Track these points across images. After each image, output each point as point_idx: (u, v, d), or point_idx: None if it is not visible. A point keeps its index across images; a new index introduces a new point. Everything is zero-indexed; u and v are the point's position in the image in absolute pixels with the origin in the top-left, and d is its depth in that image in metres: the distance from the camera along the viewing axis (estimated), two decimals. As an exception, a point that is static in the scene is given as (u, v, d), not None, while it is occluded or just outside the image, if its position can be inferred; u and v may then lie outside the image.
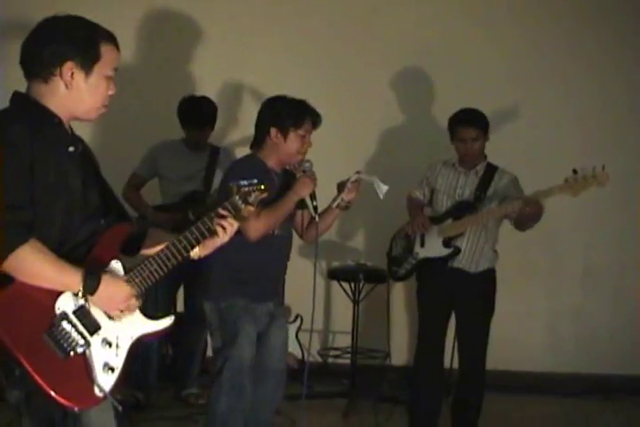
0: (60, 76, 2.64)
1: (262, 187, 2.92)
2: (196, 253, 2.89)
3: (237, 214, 2.89)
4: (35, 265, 2.52)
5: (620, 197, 6.45)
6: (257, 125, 4.26)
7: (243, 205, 2.88)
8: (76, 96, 2.67)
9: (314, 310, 4.12)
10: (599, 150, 6.23)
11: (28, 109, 2.65)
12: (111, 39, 2.72)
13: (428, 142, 6.20)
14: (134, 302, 2.72)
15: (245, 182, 2.91)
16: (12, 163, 2.50)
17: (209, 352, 6.09)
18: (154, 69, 6.62)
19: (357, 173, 4.30)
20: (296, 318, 6.23)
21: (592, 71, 6.50)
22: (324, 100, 6.20)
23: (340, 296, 6.18)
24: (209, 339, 5.91)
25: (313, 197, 4.17)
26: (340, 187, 4.29)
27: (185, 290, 5.85)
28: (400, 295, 6.44)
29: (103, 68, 2.69)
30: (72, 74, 2.65)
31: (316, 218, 4.19)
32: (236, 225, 2.89)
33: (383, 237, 5.56)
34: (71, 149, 2.70)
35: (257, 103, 5.72)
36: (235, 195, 2.88)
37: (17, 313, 2.50)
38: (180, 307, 6.08)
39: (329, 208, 4.29)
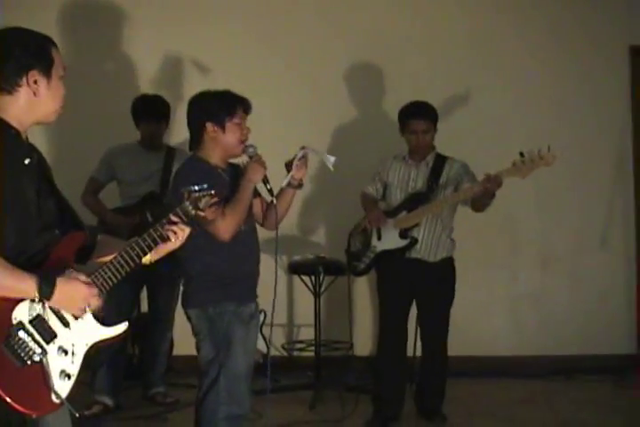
0: (27, 85, 2.72)
1: (212, 192, 2.96)
2: (147, 258, 2.92)
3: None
4: None
5: (577, 184, 6.58)
6: (190, 125, 4.20)
7: (193, 211, 2.92)
8: (42, 101, 2.75)
9: (275, 300, 4.08)
10: (555, 136, 6.27)
11: None
12: (53, 42, 2.82)
13: (378, 136, 6.25)
14: (95, 300, 2.74)
15: (196, 188, 2.94)
16: None
17: (175, 351, 6.16)
18: (96, 69, 6.68)
19: (302, 148, 4.23)
20: (259, 312, 6.27)
21: (541, 56, 6.60)
22: (273, 94, 6.34)
23: (302, 290, 6.24)
24: (177, 338, 6.00)
25: (266, 180, 4.11)
26: (288, 166, 4.22)
27: (148, 292, 5.88)
28: (361, 286, 6.50)
29: (57, 69, 2.79)
30: (36, 81, 2.73)
31: (274, 201, 4.14)
32: (187, 230, 2.93)
33: (344, 231, 5.63)
34: (27, 160, 2.75)
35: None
36: (185, 201, 2.92)
37: None
38: (144, 308, 6.13)
39: (281, 189, 4.24)
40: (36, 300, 2.62)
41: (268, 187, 4.12)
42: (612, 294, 6.59)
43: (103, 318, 2.83)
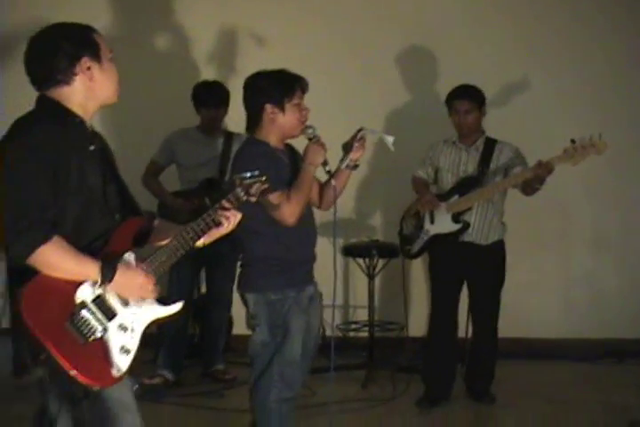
0: (82, 72, 2.92)
1: (263, 178, 3.10)
2: (200, 242, 3.08)
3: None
4: (58, 259, 2.76)
5: (627, 166, 6.60)
6: (248, 107, 4.12)
7: (245, 197, 3.07)
8: (100, 84, 2.95)
9: (335, 282, 4.10)
10: (608, 120, 6.36)
11: (53, 111, 2.91)
12: (93, 29, 3.02)
13: (432, 119, 6.26)
14: (151, 289, 2.93)
15: (247, 175, 3.07)
16: (39, 164, 2.76)
17: (235, 330, 6.33)
18: (150, 43, 6.87)
19: (360, 129, 4.18)
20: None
21: (599, 41, 6.59)
22: (327, 74, 6.39)
23: (357, 272, 6.36)
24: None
25: (325, 162, 4.07)
26: (347, 147, 4.17)
27: (206, 272, 6.09)
28: (417, 268, 6.60)
29: (105, 53, 2.98)
30: (89, 67, 2.93)
31: (333, 182, 4.11)
32: (239, 216, 3.08)
33: (398, 214, 5.75)
34: (92, 147, 2.95)
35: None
36: (237, 187, 3.07)
37: (43, 304, 2.74)
38: (204, 289, 6.34)
39: (338, 171, 4.17)
40: (98, 284, 2.82)
41: (327, 169, 4.10)
42: (664, 278, 6.62)
43: (162, 298, 3.02)
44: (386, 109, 6.70)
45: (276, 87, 4.03)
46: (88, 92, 2.94)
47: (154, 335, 5.60)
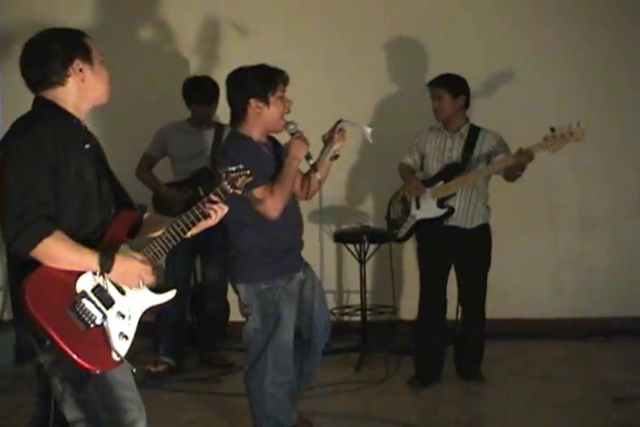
0: (75, 73, 3.08)
1: (248, 172, 3.27)
2: (189, 233, 3.23)
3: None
4: (59, 251, 2.91)
5: (614, 149, 6.70)
6: (232, 102, 4.25)
7: (231, 190, 3.24)
8: (91, 85, 3.12)
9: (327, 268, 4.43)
10: (596, 106, 6.53)
11: (51, 112, 3.07)
12: (84, 33, 3.18)
13: (420, 108, 6.22)
14: (149, 277, 3.09)
15: (233, 168, 3.23)
16: (40, 162, 2.92)
17: (231, 317, 6.45)
18: (132, 35, 6.97)
19: (340, 121, 4.33)
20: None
21: (585, 31, 6.67)
22: (313, 65, 6.54)
23: (349, 257, 6.48)
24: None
25: (308, 156, 4.20)
26: (327, 139, 4.32)
27: (202, 260, 6.22)
28: (407, 253, 6.72)
29: (95, 55, 3.15)
30: (81, 69, 3.09)
31: (318, 175, 4.24)
32: (226, 209, 3.24)
33: (389, 201, 5.84)
34: (87, 146, 3.11)
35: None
36: (223, 181, 3.24)
37: (45, 293, 2.89)
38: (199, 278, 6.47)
39: (321, 162, 4.31)
40: (97, 273, 2.97)
41: (311, 162, 4.23)
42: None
43: (156, 287, 3.17)
44: (373, 99, 6.80)
45: (258, 82, 4.17)
46: (80, 92, 3.10)
47: (152, 324, 5.75)
